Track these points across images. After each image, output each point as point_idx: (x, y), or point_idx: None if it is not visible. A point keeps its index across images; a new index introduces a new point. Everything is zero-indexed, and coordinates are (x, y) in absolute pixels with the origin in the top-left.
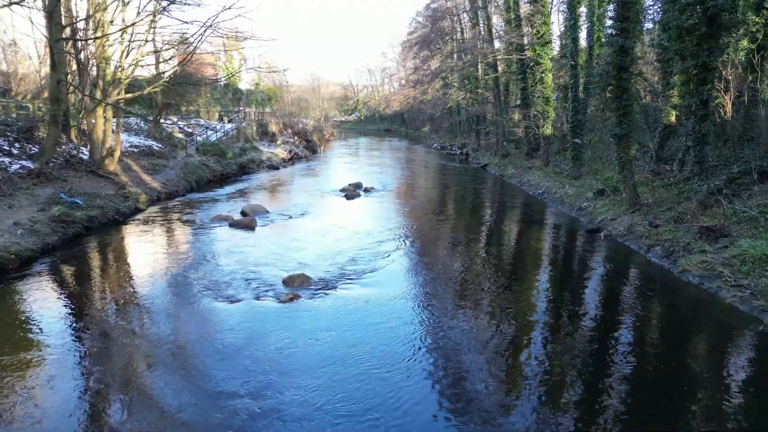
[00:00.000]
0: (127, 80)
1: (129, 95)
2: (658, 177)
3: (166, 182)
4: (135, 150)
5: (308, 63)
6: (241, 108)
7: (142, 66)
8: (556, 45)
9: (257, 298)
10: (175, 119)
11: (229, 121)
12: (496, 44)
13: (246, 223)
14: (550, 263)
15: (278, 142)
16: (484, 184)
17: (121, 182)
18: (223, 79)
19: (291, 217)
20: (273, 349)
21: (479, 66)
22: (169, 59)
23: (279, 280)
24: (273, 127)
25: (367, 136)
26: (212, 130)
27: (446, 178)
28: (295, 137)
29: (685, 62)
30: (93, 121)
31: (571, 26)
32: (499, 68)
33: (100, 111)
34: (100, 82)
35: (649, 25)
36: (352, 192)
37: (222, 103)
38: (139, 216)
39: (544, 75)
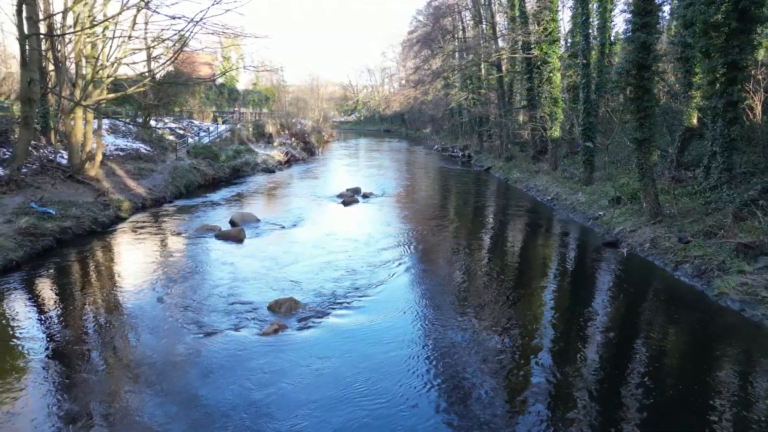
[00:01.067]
0: (110, 80)
1: (111, 96)
2: (680, 184)
3: (152, 188)
4: (120, 153)
5: (307, 61)
6: (236, 109)
7: (127, 65)
8: (561, 44)
9: (237, 328)
10: (167, 121)
11: (223, 123)
12: (500, 43)
13: (234, 234)
14: (565, 280)
15: (275, 144)
16: (488, 189)
17: (102, 188)
18: (217, 78)
19: (283, 227)
20: (247, 397)
21: (482, 66)
22: (155, 57)
23: (265, 304)
24: (270, 128)
25: (366, 137)
26: (205, 131)
27: (448, 182)
28: (293, 139)
29: (712, 60)
30: (72, 123)
31: (583, 22)
32: (504, 68)
33: (79, 112)
34: (80, 82)
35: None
36: (349, 198)
37: (217, 104)
38: (120, 225)
39: (552, 74)
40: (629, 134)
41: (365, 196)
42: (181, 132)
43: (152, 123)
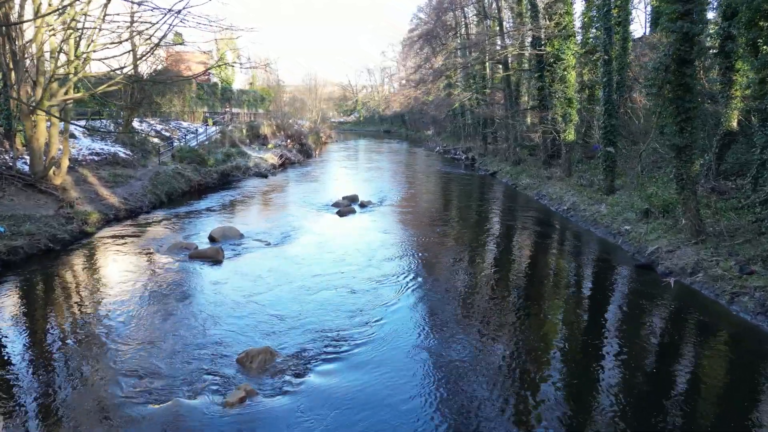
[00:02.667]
0: (77, 77)
1: (78, 95)
2: (722, 197)
3: (128, 197)
4: (95, 158)
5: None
6: (227, 109)
7: (100, 60)
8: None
9: (193, 393)
10: (153, 122)
11: (213, 124)
12: (507, 39)
13: (210, 254)
14: (594, 311)
15: (269, 146)
16: (496, 197)
17: (68, 199)
18: (200, 76)
19: (269, 244)
20: None
21: (486, 64)
22: (129, 52)
23: (234, 353)
24: (265, 130)
25: (366, 138)
26: (193, 133)
27: (452, 189)
28: (288, 140)
29: (762, 55)
30: (34, 125)
31: (605, 14)
32: (511, 66)
33: (42, 113)
34: (42, 80)
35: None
36: (346, 207)
37: (209, 104)
38: (83, 242)
39: (566, 73)
40: (667, 140)
41: (363, 205)
42: (168, 134)
43: (136, 125)
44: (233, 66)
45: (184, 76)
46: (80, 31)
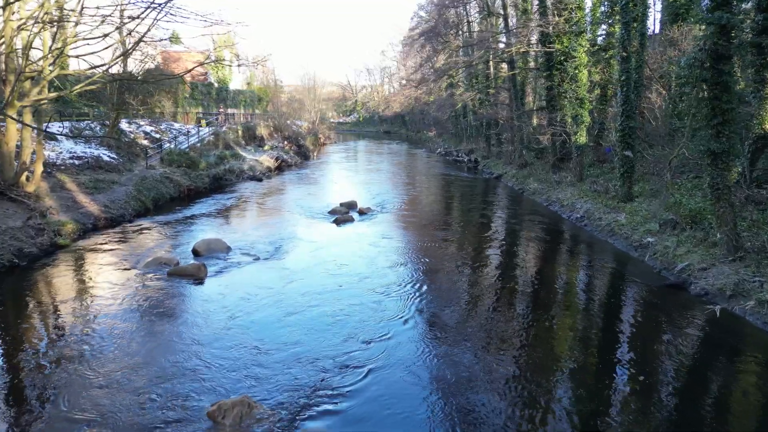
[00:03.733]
0: (52, 74)
1: (52, 95)
2: (758, 207)
3: (109, 204)
4: (77, 162)
5: (303, 58)
6: (221, 110)
7: (79, 57)
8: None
9: None
10: (143, 123)
11: (207, 125)
12: (512, 37)
13: (191, 271)
14: (618, 336)
15: (266, 148)
16: (502, 202)
17: (41, 208)
18: (210, 75)
19: (258, 259)
20: None
21: (490, 63)
22: (108, 48)
23: (206, 403)
24: (262, 131)
25: (365, 139)
26: (185, 135)
27: (456, 194)
28: (285, 142)
29: None
30: (3, 127)
31: (623, 7)
32: (517, 64)
33: (12, 113)
34: (11, 78)
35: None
36: (343, 215)
37: (204, 105)
38: (54, 256)
39: (577, 71)
40: (700, 144)
41: (362, 212)
42: (158, 136)
43: (124, 126)
44: (224, 63)
45: (173, 74)
46: (54, 24)
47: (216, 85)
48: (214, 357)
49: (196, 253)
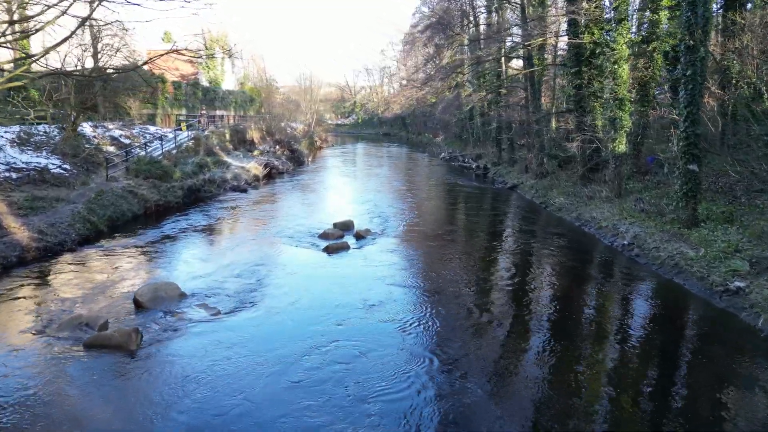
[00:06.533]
0: None
1: None
2: None
3: (46, 229)
4: (14, 176)
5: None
6: (203, 111)
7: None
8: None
9: None
10: (111, 126)
11: (188, 128)
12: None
13: (118, 340)
14: None
15: (255, 153)
16: (523, 220)
17: None
18: (202, 75)
19: (218, 314)
20: None
21: (503, 59)
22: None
23: None
24: (253, 134)
25: (364, 141)
26: (159, 140)
27: (468, 209)
28: (277, 146)
29: None
30: None
31: None
32: (535, 60)
33: None
34: None
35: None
36: (337, 239)
37: (188, 106)
38: None
39: (617, 66)
40: None
41: (359, 235)
42: (128, 141)
43: (88, 130)
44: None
45: (114, 68)
46: None
47: (206, 84)
48: None
49: (137, 304)
